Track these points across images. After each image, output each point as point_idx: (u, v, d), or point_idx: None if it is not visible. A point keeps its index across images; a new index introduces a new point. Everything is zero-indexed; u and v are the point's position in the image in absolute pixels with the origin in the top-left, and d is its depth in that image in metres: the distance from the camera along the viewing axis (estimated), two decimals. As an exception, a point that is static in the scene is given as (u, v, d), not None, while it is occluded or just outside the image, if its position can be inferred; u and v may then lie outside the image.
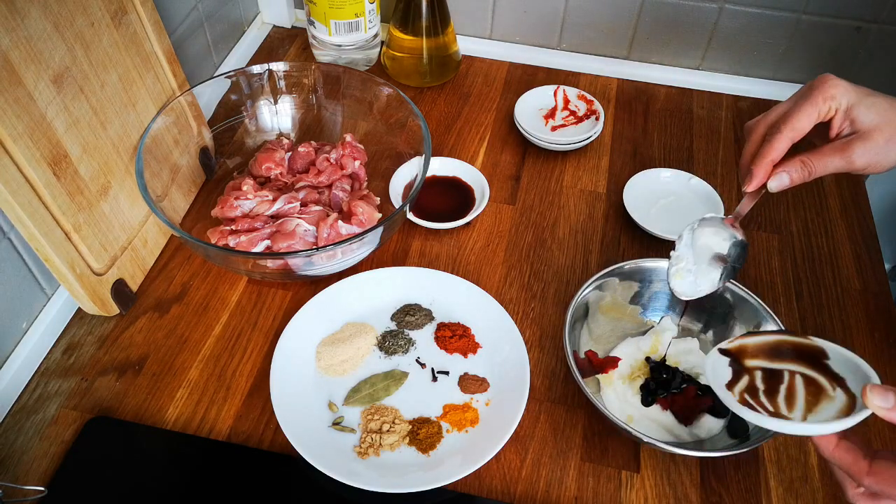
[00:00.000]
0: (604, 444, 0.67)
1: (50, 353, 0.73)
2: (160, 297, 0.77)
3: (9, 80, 0.59)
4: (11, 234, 0.67)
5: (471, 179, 0.87)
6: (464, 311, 0.75)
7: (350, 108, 0.89)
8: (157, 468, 0.65)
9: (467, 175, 0.87)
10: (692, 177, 0.87)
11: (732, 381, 0.55)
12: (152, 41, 0.77)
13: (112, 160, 0.73)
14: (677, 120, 0.99)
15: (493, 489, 0.64)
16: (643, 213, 0.84)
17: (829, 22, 0.96)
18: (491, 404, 0.69)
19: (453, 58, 1.02)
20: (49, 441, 0.66)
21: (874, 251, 0.84)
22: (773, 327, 0.67)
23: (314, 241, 0.76)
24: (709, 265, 0.64)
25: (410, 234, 0.84)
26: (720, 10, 0.98)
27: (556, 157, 0.93)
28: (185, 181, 0.82)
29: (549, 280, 0.80)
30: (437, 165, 0.88)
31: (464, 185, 0.87)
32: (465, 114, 0.99)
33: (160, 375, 0.71)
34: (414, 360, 0.72)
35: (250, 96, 0.88)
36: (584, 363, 0.70)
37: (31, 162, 0.62)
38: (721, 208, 0.83)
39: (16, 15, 0.59)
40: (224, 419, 0.68)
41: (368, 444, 0.65)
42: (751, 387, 0.54)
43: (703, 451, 0.63)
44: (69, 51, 0.65)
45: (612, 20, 1.02)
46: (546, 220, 0.86)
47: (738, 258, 0.63)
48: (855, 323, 0.77)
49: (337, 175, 0.83)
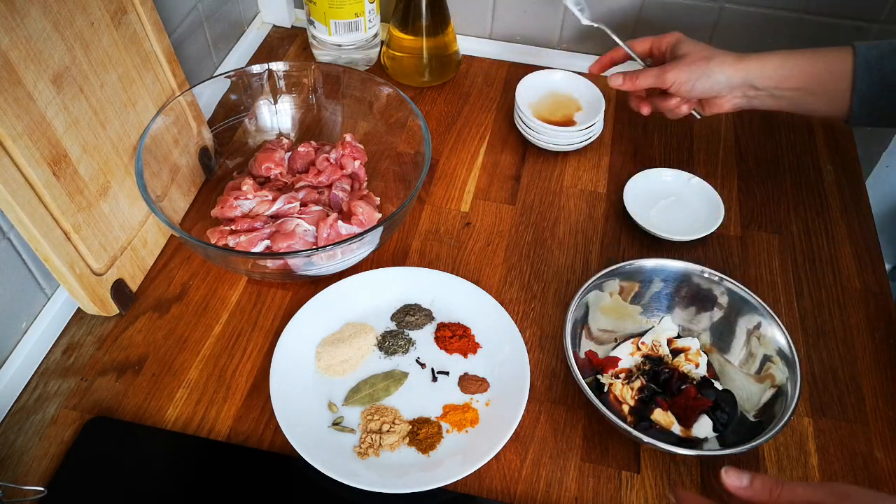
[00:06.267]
0: (604, 444, 0.67)
1: (50, 353, 0.72)
2: (160, 297, 0.77)
3: (8, 79, 0.59)
4: (11, 234, 0.67)
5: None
6: (464, 311, 0.75)
7: (350, 108, 0.89)
8: (156, 468, 0.65)
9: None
10: (692, 177, 0.87)
11: None
12: (152, 41, 0.77)
13: (112, 160, 0.73)
14: (677, 120, 0.98)
15: (493, 489, 0.64)
16: (643, 213, 0.84)
17: (829, 22, 0.96)
18: (491, 404, 0.68)
19: (453, 58, 1.02)
20: (49, 441, 0.66)
21: (874, 251, 0.84)
22: (773, 327, 0.67)
23: (314, 241, 0.76)
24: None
25: (410, 234, 0.84)
26: (720, 10, 0.98)
27: (556, 157, 0.93)
28: (185, 181, 0.82)
29: (549, 280, 0.80)
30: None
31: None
32: (465, 114, 0.99)
33: (160, 375, 0.71)
34: (414, 361, 0.72)
35: (250, 96, 0.88)
36: (584, 363, 0.70)
37: (30, 162, 0.62)
38: (721, 208, 0.83)
39: (15, 15, 0.59)
40: (224, 419, 0.68)
41: (368, 444, 0.65)
42: None
43: (703, 451, 0.63)
44: (69, 50, 0.65)
45: (613, 20, 1.01)
46: (546, 220, 0.86)
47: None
48: (855, 323, 0.77)
49: (337, 175, 0.83)
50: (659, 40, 0.81)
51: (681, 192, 0.87)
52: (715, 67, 0.75)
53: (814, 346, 0.75)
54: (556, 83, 0.96)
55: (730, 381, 0.69)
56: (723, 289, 0.71)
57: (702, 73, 0.75)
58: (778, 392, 0.65)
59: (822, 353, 0.74)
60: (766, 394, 0.66)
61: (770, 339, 0.67)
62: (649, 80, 0.78)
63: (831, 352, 0.75)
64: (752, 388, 0.68)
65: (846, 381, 0.72)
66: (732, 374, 0.70)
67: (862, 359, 0.74)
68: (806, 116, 0.99)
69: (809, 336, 0.76)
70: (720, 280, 0.71)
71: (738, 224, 0.86)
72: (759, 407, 0.66)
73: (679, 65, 0.76)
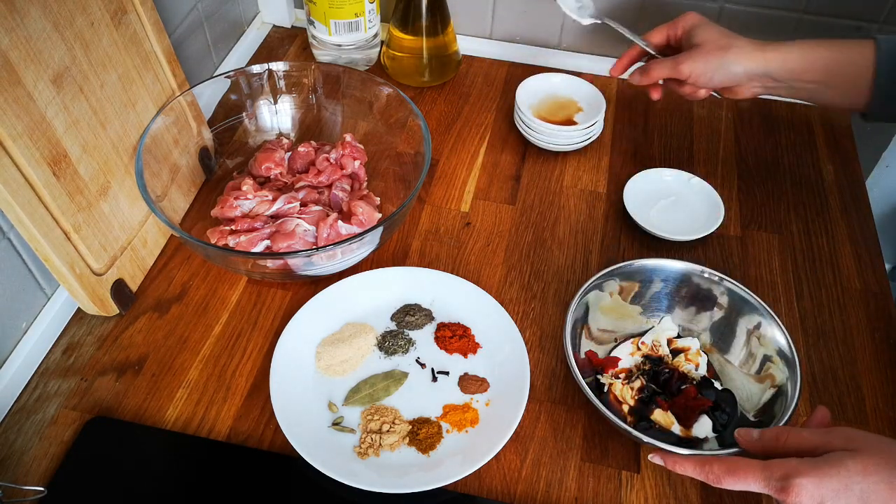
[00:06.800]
0: (604, 444, 0.67)
1: (50, 354, 0.72)
2: (160, 297, 0.77)
3: (8, 79, 0.59)
4: (11, 234, 0.67)
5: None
6: (464, 311, 0.75)
7: (350, 108, 0.89)
8: (156, 468, 0.65)
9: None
10: (692, 177, 0.87)
11: None
12: (152, 41, 0.77)
13: (112, 160, 0.73)
14: (677, 120, 0.99)
15: (493, 489, 0.64)
16: (643, 213, 0.84)
17: (829, 22, 0.96)
18: (491, 404, 0.68)
19: (453, 58, 1.02)
20: (49, 441, 0.66)
21: (874, 251, 0.84)
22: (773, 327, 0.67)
23: (314, 241, 0.76)
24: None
25: (410, 234, 0.84)
26: (720, 9, 0.98)
27: (556, 157, 0.93)
28: (185, 181, 0.82)
29: (549, 280, 0.80)
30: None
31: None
32: (465, 114, 0.99)
33: (160, 375, 0.71)
34: (414, 361, 0.72)
35: (250, 96, 0.88)
36: (584, 363, 0.70)
37: (30, 162, 0.62)
38: (721, 208, 0.83)
39: (15, 15, 0.59)
40: (224, 419, 0.68)
41: (368, 444, 0.65)
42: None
43: (703, 451, 0.63)
44: (69, 50, 0.65)
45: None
46: (546, 220, 0.86)
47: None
48: (855, 323, 0.77)
49: (337, 175, 0.83)
50: (674, 26, 0.78)
51: (681, 191, 0.87)
52: (732, 58, 0.73)
53: (814, 346, 0.75)
54: (556, 86, 0.96)
55: (730, 381, 0.69)
56: (723, 289, 0.71)
57: (719, 64, 0.73)
58: (778, 392, 0.65)
59: (822, 353, 0.74)
60: (766, 394, 0.66)
61: (770, 339, 0.67)
62: (664, 71, 0.76)
63: (831, 352, 0.75)
64: (752, 388, 0.68)
65: (846, 381, 0.72)
66: (732, 374, 0.70)
67: (862, 359, 0.74)
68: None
69: (809, 336, 0.76)
70: (720, 280, 0.71)
71: (738, 224, 0.86)
72: (759, 407, 0.66)
73: (695, 55, 0.74)
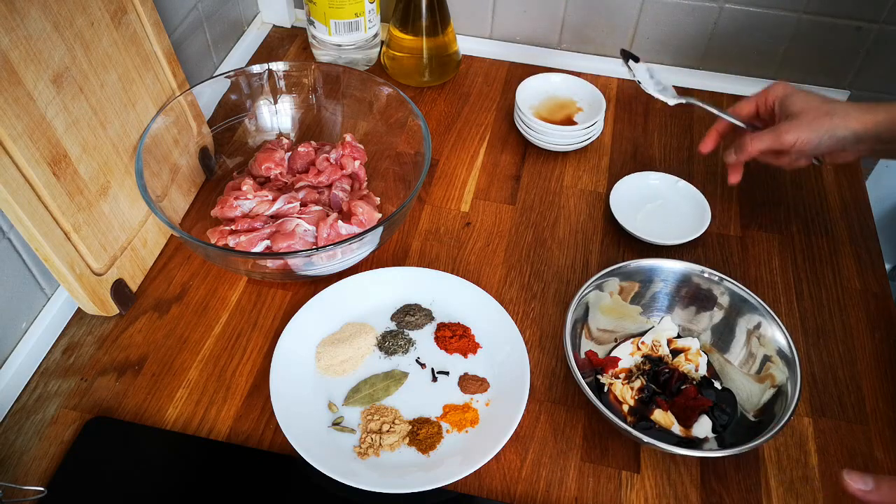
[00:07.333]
0: (604, 444, 0.67)
1: (50, 353, 0.72)
2: (160, 298, 0.77)
3: (8, 79, 0.59)
4: (11, 234, 0.67)
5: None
6: (464, 311, 0.75)
7: (350, 108, 0.89)
8: (156, 468, 0.65)
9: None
10: (679, 180, 0.86)
11: None
12: (152, 41, 0.77)
13: (112, 160, 0.73)
14: (677, 120, 0.99)
15: (493, 489, 0.64)
16: (629, 217, 0.83)
17: (829, 22, 0.96)
18: (491, 404, 0.68)
19: (453, 58, 1.02)
20: (49, 441, 0.66)
21: (874, 251, 0.84)
22: (773, 327, 0.67)
23: (314, 241, 0.76)
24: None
25: (410, 234, 0.84)
26: (720, 9, 0.98)
27: (556, 157, 0.93)
28: (185, 181, 0.82)
29: (549, 280, 0.80)
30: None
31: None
32: (465, 114, 0.99)
33: (160, 375, 0.71)
34: (414, 361, 0.72)
35: (250, 96, 0.88)
36: (584, 363, 0.70)
37: (30, 162, 0.62)
38: (708, 211, 0.83)
39: (15, 15, 0.59)
40: (224, 419, 0.68)
41: (368, 444, 0.65)
42: None
43: (703, 451, 0.63)
44: (69, 50, 0.65)
45: (612, 20, 1.02)
46: (546, 220, 0.86)
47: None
48: (855, 323, 0.77)
49: (337, 175, 0.83)
50: (763, 97, 0.76)
51: (668, 195, 0.87)
52: (839, 123, 0.70)
53: (814, 346, 0.75)
54: (556, 86, 0.96)
55: (730, 381, 0.69)
56: (723, 289, 0.71)
57: (825, 131, 0.70)
58: (778, 392, 0.65)
59: (822, 353, 0.74)
60: (766, 394, 0.66)
61: (770, 339, 0.68)
62: (764, 143, 0.73)
63: (831, 352, 0.75)
64: (752, 388, 0.68)
65: (846, 381, 0.72)
66: (732, 374, 0.70)
67: (862, 359, 0.74)
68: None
69: (809, 336, 0.76)
70: (720, 280, 0.71)
71: (738, 224, 0.86)
72: (759, 407, 0.66)
73: (798, 124, 0.71)
